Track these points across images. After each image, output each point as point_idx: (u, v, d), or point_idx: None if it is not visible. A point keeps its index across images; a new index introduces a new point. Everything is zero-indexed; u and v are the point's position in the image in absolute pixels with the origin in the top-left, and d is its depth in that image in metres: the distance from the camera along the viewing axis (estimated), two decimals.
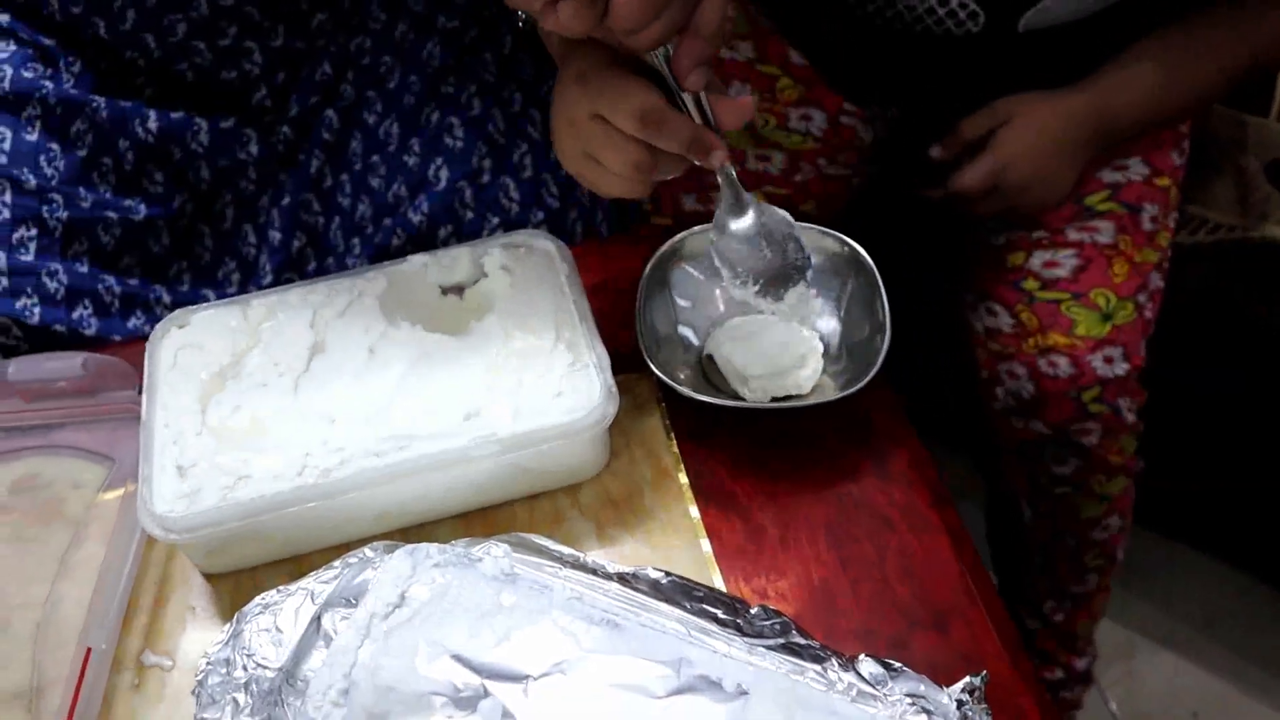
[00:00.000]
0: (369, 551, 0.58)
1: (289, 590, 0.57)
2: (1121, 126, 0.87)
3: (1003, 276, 0.92)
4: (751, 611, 0.54)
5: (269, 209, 0.89)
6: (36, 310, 0.78)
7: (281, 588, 0.58)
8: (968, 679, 0.51)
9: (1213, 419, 1.25)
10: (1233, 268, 1.09)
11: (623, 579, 0.55)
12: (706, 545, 0.65)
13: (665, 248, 0.74)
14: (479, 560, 0.55)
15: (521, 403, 0.64)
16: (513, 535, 0.58)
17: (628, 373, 0.70)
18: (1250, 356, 1.19)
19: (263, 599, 0.57)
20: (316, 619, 0.54)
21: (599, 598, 0.54)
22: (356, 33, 0.89)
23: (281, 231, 0.88)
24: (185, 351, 0.68)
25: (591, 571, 0.56)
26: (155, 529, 0.60)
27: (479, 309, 0.71)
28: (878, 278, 0.72)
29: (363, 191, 0.88)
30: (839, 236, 0.74)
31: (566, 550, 0.57)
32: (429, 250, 0.74)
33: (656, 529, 0.66)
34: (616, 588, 0.55)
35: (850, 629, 0.61)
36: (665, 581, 0.56)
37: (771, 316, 0.74)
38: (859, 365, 0.71)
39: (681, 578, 0.56)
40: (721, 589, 0.60)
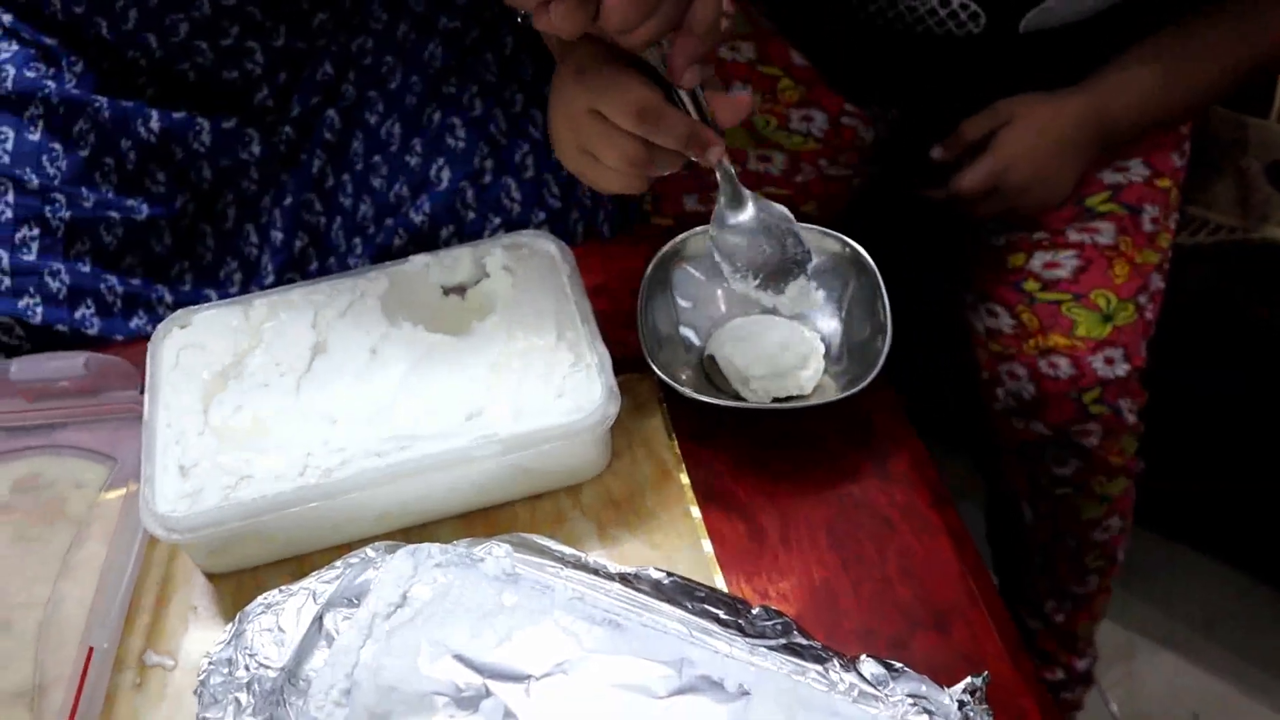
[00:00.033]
0: (371, 551, 0.58)
1: (291, 590, 0.57)
2: (1122, 128, 0.87)
3: (1003, 277, 0.92)
4: (753, 612, 0.54)
5: (271, 209, 0.89)
6: (39, 310, 0.78)
7: (283, 587, 0.58)
8: (969, 679, 0.51)
9: (1213, 420, 1.25)
10: (1233, 269, 1.09)
11: (624, 579, 0.55)
12: (708, 546, 0.65)
13: (667, 248, 0.74)
14: (481, 560, 0.55)
15: (523, 403, 0.64)
16: (514, 535, 0.58)
17: (629, 373, 0.70)
18: (1251, 358, 1.19)
19: (265, 599, 0.57)
20: (318, 619, 0.54)
21: (601, 598, 0.54)
22: (358, 33, 0.89)
23: (283, 231, 0.88)
24: (187, 351, 0.68)
25: (593, 572, 0.56)
26: (157, 529, 0.60)
27: (481, 309, 0.71)
28: (879, 278, 0.72)
29: (364, 191, 0.88)
30: (840, 237, 0.74)
31: (568, 550, 0.57)
32: (431, 250, 0.74)
33: (658, 529, 0.66)
34: (618, 588, 0.55)
35: (851, 629, 0.61)
36: (667, 582, 0.55)
37: (773, 317, 0.74)
38: (860, 366, 0.71)
39: (683, 578, 0.56)
40: (723, 589, 0.60)
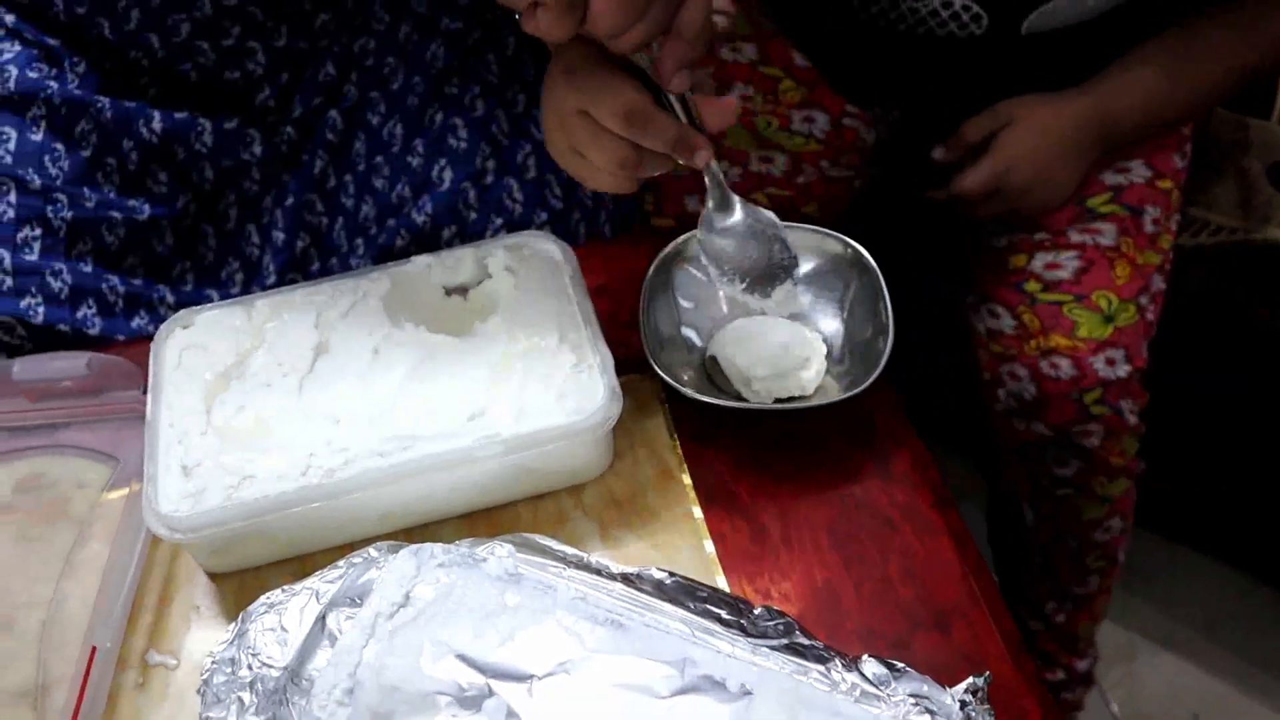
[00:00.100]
0: (373, 551, 0.58)
1: (294, 590, 0.58)
2: (1124, 129, 0.87)
3: (1004, 278, 0.92)
4: (755, 612, 0.54)
5: (272, 209, 0.89)
6: (40, 310, 0.78)
7: (286, 587, 0.58)
8: (971, 679, 0.51)
9: (1214, 421, 1.25)
10: (1234, 270, 1.09)
11: (627, 579, 0.55)
12: (710, 546, 0.65)
13: (669, 249, 0.75)
14: (483, 560, 0.55)
15: (525, 403, 0.64)
16: (517, 535, 0.58)
17: (631, 374, 0.70)
18: (1251, 359, 1.19)
19: (268, 598, 0.57)
20: (321, 618, 0.54)
21: (603, 598, 0.54)
22: (360, 34, 0.89)
23: (285, 232, 0.88)
24: (190, 352, 0.69)
25: (595, 572, 0.56)
26: (160, 528, 0.60)
27: (483, 310, 0.72)
28: (880, 279, 0.72)
29: (366, 192, 0.88)
30: (842, 238, 0.74)
31: (570, 550, 0.57)
32: (432, 251, 0.74)
33: (660, 530, 0.66)
34: (620, 588, 0.55)
35: (853, 630, 0.61)
36: (669, 582, 0.55)
37: (775, 318, 0.74)
38: (862, 366, 0.71)
39: (685, 578, 0.56)
40: (725, 590, 0.60)
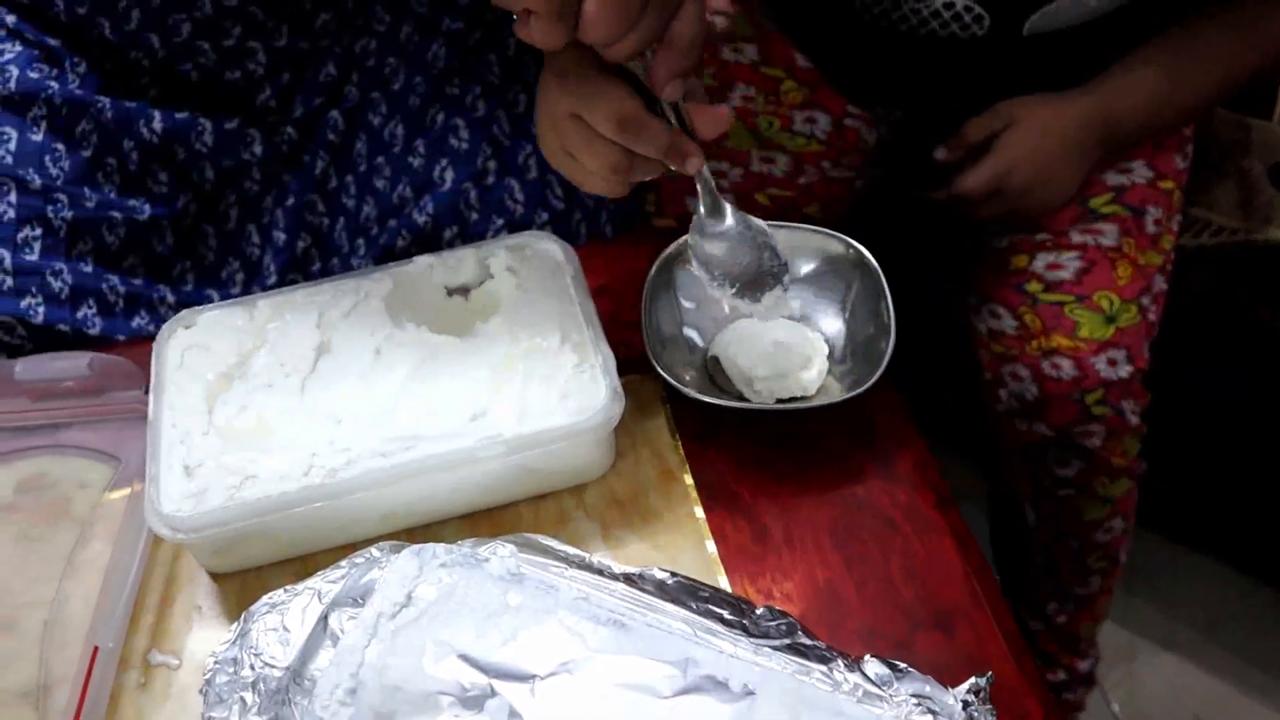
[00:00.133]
0: (376, 551, 0.58)
1: (296, 590, 0.57)
2: (1126, 130, 0.87)
3: (1006, 279, 0.92)
4: (757, 612, 0.54)
5: (273, 209, 0.89)
6: (41, 310, 0.78)
7: (288, 587, 0.58)
8: (973, 680, 0.51)
9: (1215, 421, 1.25)
10: (1235, 271, 1.10)
11: (629, 579, 0.55)
12: (712, 546, 0.65)
13: (670, 249, 0.74)
14: (486, 560, 0.55)
15: (527, 404, 0.64)
16: (519, 536, 0.58)
17: (633, 374, 0.70)
18: (1252, 359, 1.19)
19: (270, 598, 0.57)
20: (323, 618, 0.54)
21: (605, 598, 0.54)
22: (361, 34, 0.89)
23: (286, 232, 0.88)
24: (192, 352, 0.68)
25: (597, 572, 0.56)
26: (162, 528, 0.60)
27: (485, 310, 0.71)
28: (883, 280, 0.72)
29: (367, 193, 0.88)
30: (844, 239, 0.74)
31: (572, 550, 0.57)
32: (433, 251, 0.74)
33: (662, 530, 0.66)
34: (622, 588, 0.55)
35: (855, 630, 0.61)
36: (671, 582, 0.55)
37: (777, 318, 0.74)
38: (864, 367, 0.71)
39: (687, 578, 0.56)
40: (727, 590, 0.60)
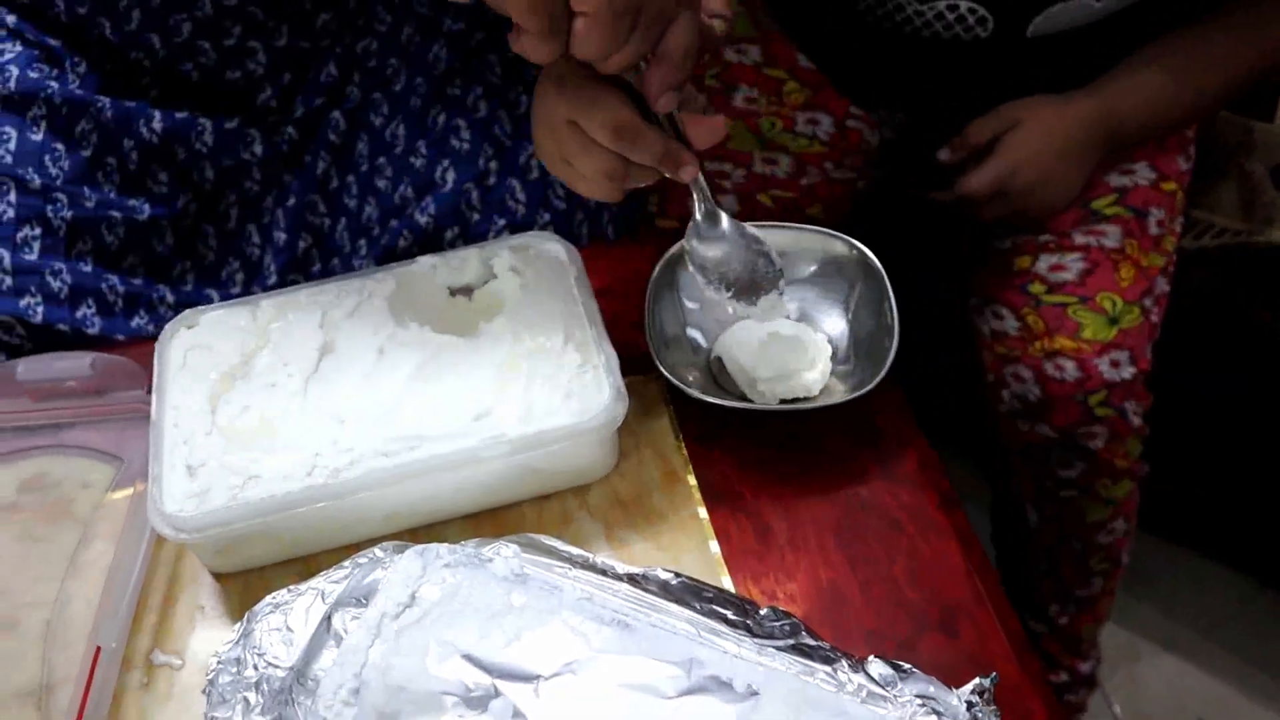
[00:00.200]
0: (379, 551, 0.58)
1: (299, 590, 0.57)
2: (1129, 131, 0.88)
3: (1009, 280, 0.92)
4: (761, 613, 0.54)
5: (273, 209, 0.89)
6: (40, 309, 0.78)
7: (292, 587, 0.58)
8: (978, 680, 0.51)
9: (1217, 423, 1.25)
10: (1237, 272, 1.10)
11: (632, 580, 0.55)
12: (715, 546, 0.65)
13: (674, 250, 0.74)
14: (489, 560, 0.55)
15: (531, 404, 0.64)
16: (522, 536, 0.58)
17: (636, 375, 0.70)
18: (1254, 360, 1.19)
19: (273, 598, 0.57)
20: (327, 618, 0.54)
21: (609, 598, 0.54)
22: (362, 35, 0.89)
23: (286, 232, 0.88)
24: (194, 352, 0.68)
25: (601, 572, 0.56)
26: (165, 528, 0.60)
27: (488, 310, 0.71)
28: (886, 281, 0.72)
29: (369, 193, 0.88)
30: (847, 240, 0.74)
31: (576, 551, 0.57)
32: (435, 252, 0.74)
33: (665, 530, 0.66)
34: (626, 588, 0.54)
35: (858, 630, 0.61)
36: (675, 582, 0.55)
37: (781, 319, 0.74)
38: (867, 367, 0.71)
39: (691, 579, 0.56)
40: (730, 590, 0.60)
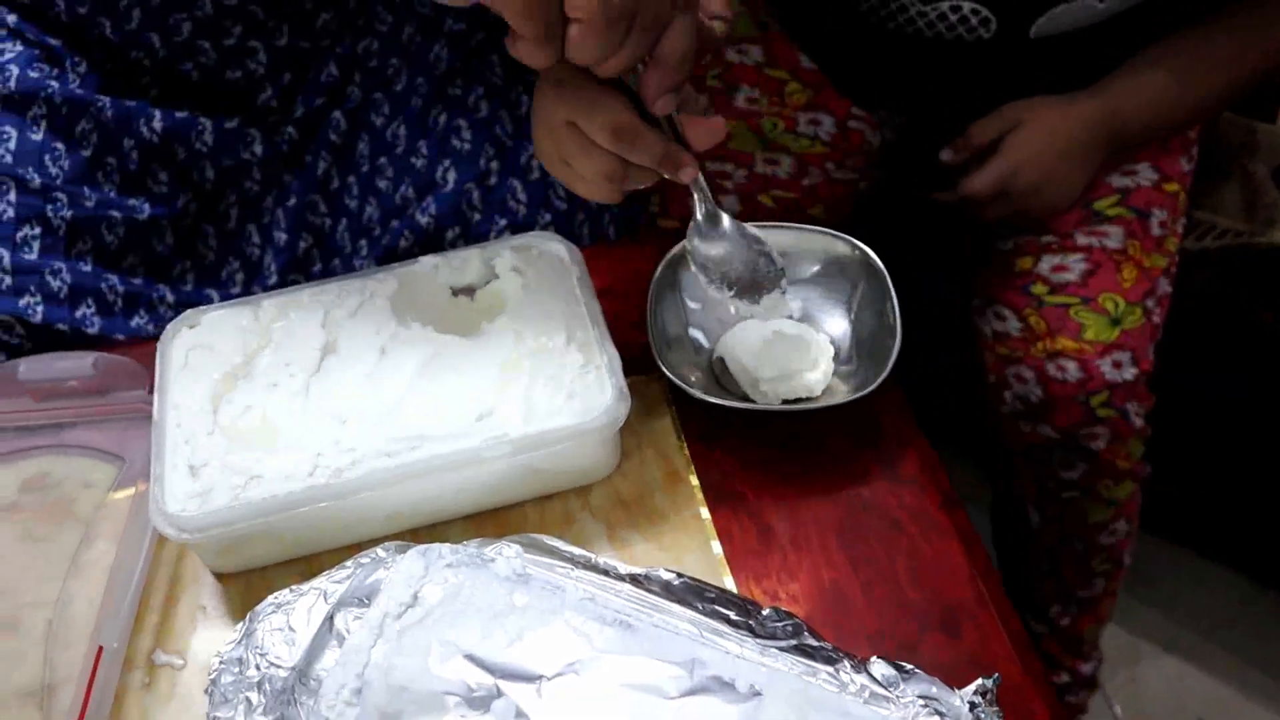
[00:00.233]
0: (381, 551, 0.58)
1: (301, 590, 0.57)
2: (1132, 132, 0.87)
3: (1011, 281, 0.92)
4: (763, 613, 0.54)
5: (274, 209, 0.88)
6: (39, 309, 0.78)
7: (294, 587, 0.58)
8: (980, 681, 0.51)
9: (1219, 424, 1.25)
10: (1239, 273, 1.10)
11: (635, 580, 0.55)
12: (717, 547, 0.65)
13: (676, 250, 0.74)
14: (491, 560, 0.55)
15: (533, 404, 0.64)
16: (524, 536, 0.58)
17: (638, 375, 0.70)
18: (1256, 362, 1.19)
19: (275, 598, 0.57)
20: (329, 618, 0.54)
21: (611, 598, 0.54)
22: (363, 35, 0.89)
23: (287, 232, 0.88)
24: (196, 351, 0.68)
25: (603, 572, 0.56)
26: (167, 528, 0.60)
27: (490, 310, 0.71)
28: (888, 281, 0.72)
29: (370, 194, 0.88)
30: (850, 240, 0.74)
31: (578, 551, 0.57)
32: (436, 252, 0.74)
33: (667, 530, 0.65)
34: (628, 589, 0.54)
35: (861, 631, 0.61)
36: (677, 583, 0.55)
37: (783, 319, 0.74)
38: (869, 368, 0.71)
39: (693, 579, 0.56)
40: (733, 590, 0.60)
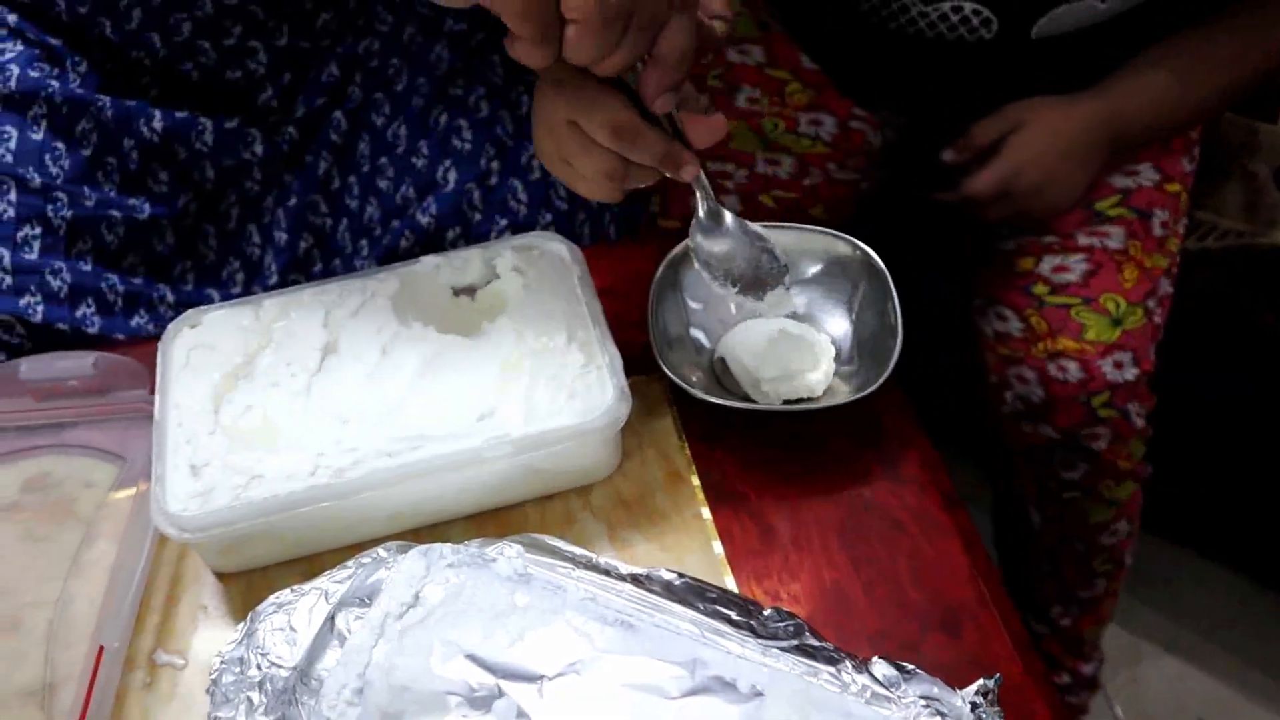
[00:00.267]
0: (382, 551, 0.58)
1: (303, 590, 0.57)
2: (1133, 132, 0.87)
3: (1012, 281, 0.92)
4: (765, 613, 0.54)
5: (274, 209, 0.88)
6: (39, 308, 0.78)
7: (295, 587, 0.58)
8: (981, 681, 0.51)
9: (1220, 424, 1.25)
10: (1240, 274, 1.10)
11: (636, 580, 0.55)
12: (718, 547, 0.65)
13: (677, 250, 0.74)
14: (493, 560, 0.55)
15: (534, 404, 0.64)
16: (526, 536, 0.58)
17: (639, 375, 0.70)
18: (1257, 362, 1.19)
19: (276, 598, 0.57)
20: (330, 618, 0.54)
21: (612, 598, 0.54)
22: (364, 35, 0.89)
23: (288, 232, 0.88)
24: (197, 351, 0.68)
25: (604, 572, 0.56)
26: (169, 528, 0.60)
27: (491, 310, 0.71)
28: (890, 281, 0.72)
29: (371, 194, 0.88)
30: (851, 240, 0.74)
31: (579, 551, 0.57)
32: (437, 252, 0.74)
33: (669, 530, 0.65)
34: (630, 589, 0.54)
35: (862, 631, 0.61)
36: (678, 583, 0.55)
37: (784, 319, 0.74)
38: (870, 368, 0.71)
39: (694, 579, 0.56)
40: (734, 591, 0.60)
